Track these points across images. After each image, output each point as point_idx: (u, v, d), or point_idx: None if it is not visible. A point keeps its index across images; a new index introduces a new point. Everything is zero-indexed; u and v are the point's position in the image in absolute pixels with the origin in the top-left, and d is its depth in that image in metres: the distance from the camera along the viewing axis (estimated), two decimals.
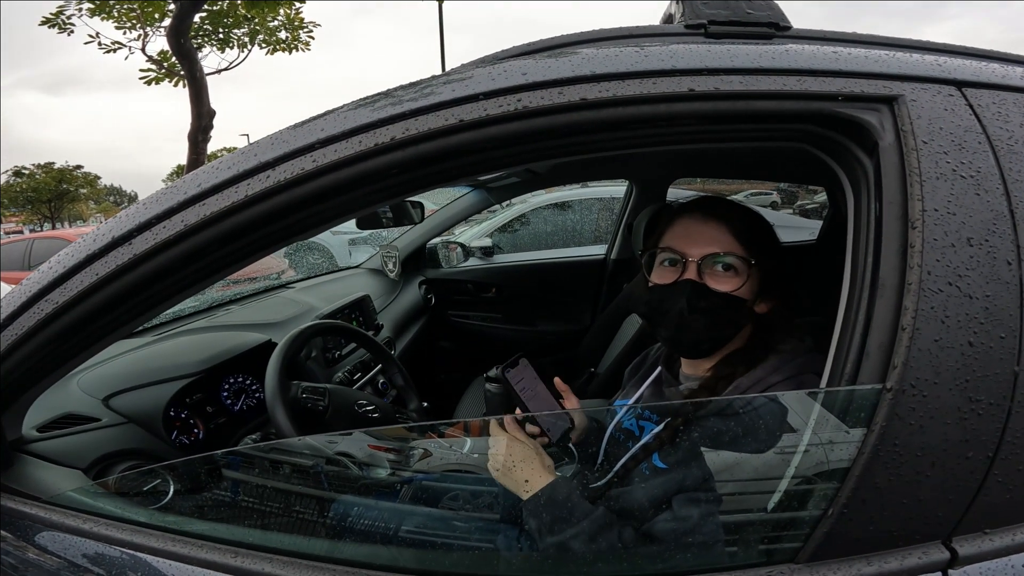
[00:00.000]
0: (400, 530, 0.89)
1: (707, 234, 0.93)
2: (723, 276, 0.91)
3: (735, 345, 0.96)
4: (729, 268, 0.91)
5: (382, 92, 0.71)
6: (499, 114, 0.63)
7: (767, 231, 0.97)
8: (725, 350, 0.97)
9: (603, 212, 4.34)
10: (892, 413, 0.58)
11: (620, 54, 0.66)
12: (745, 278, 0.91)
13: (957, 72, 0.68)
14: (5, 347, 0.73)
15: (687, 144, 0.70)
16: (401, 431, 1.26)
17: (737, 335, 0.96)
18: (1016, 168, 0.63)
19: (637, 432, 0.98)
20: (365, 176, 0.65)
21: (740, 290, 0.91)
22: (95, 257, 0.69)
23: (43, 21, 7.80)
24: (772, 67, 0.65)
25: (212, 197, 0.67)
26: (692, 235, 0.94)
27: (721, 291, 0.91)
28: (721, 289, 0.91)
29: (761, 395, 0.85)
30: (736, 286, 0.91)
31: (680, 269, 0.94)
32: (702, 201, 0.98)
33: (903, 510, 0.60)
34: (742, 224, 0.93)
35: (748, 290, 0.92)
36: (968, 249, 0.60)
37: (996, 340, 0.59)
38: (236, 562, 0.68)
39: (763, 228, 0.97)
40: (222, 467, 0.93)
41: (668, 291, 0.94)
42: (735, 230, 0.92)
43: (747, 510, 0.77)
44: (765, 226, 0.97)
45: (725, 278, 0.91)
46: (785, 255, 0.97)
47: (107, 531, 0.75)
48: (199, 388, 1.45)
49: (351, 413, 1.37)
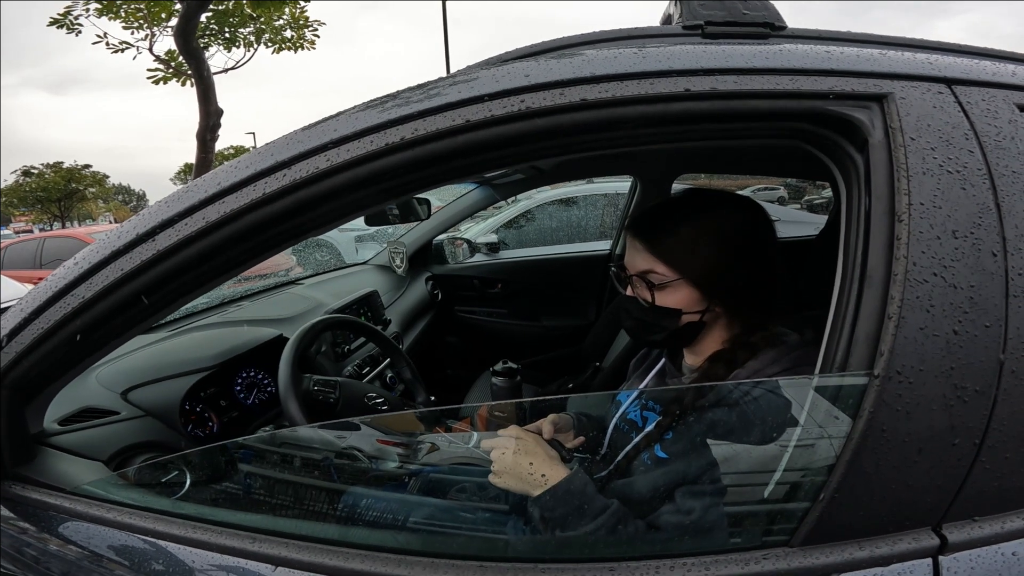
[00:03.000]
0: (408, 518, 0.92)
1: (635, 254, 0.99)
2: (656, 291, 0.97)
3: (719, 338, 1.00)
4: (656, 285, 0.96)
5: (391, 94, 0.73)
6: (504, 114, 0.66)
7: (699, 243, 0.95)
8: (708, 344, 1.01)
9: (608, 208, 4.35)
10: (879, 400, 0.60)
11: (619, 55, 0.69)
12: (674, 292, 0.96)
13: (948, 70, 0.70)
14: (31, 341, 0.76)
15: (685, 142, 0.72)
16: (410, 418, 1.28)
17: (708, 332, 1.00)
18: (1003, 163, 0.65)
19: (641, 423, 1.00)
20: (377, 174, 0.68)
21: (670, 302, 0.96)
22: (120, 253, 0.72)
23: (51, 22, 7.83)
24: (766, 67, 0.67)
25: (231, 195, 0.70)
26: (630, 253, 1.01)
27: (656, 305, 0.97)
28: (659, 303, 0.97)
29: (754, 380, 0.88)
30: (666, 301, 0.96)
31: (626, 283, 1.03)
32: (633, 221, 1.02)
33: (893, 496, 0.62)
34: (665, 244, 0.96)
35: (681, 301, 0.96)
36: (953, 241, 0.62)
37: (981, 329, 0.61)
38: (254, 547, 0.71)
39: (692, 241, 0.95)
40: (237, 457, 0.95)
41: (622, 302, 1.04)
42: (657, 251, 0.96)
43: (743, 495, 0.78)
44: (697, 238, 0.96)
45: (658, 292, 0.97)
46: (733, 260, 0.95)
47: (129, 519, 0.77)
48: (213, 382, 1.48)
49: (361, 405, 1.40)
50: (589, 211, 4.49)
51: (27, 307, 0.77)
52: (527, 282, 3.09)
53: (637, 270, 0.99)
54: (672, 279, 0.95)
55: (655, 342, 1.08)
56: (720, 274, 0.95)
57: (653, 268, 0.96)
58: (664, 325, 0.98)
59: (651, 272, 0.96)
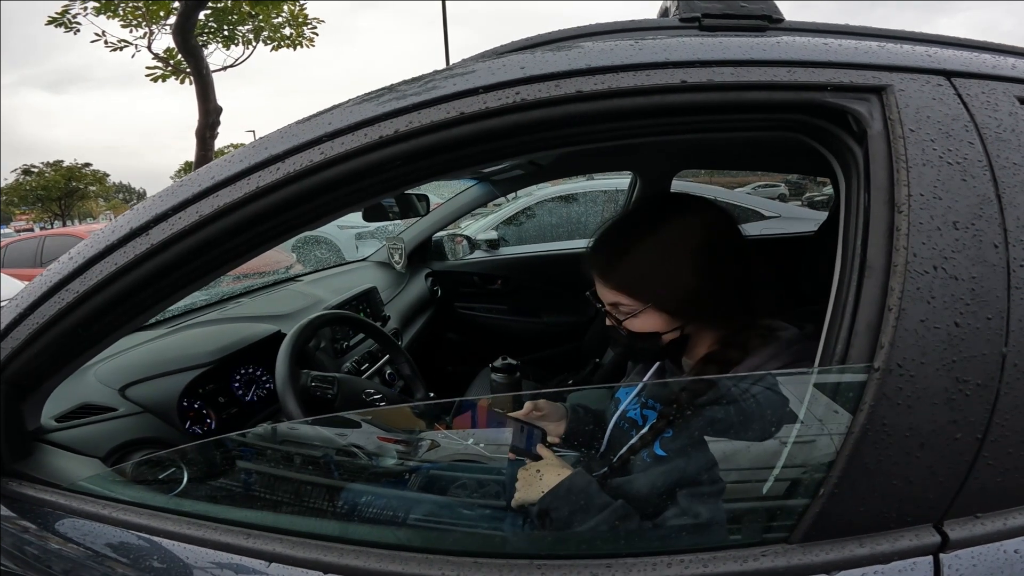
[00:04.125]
0: (407, 514, 0.92)
1: (600, 286, 0.99)
2: (628, 320, 0.96)
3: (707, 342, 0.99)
4: (625, 316, 0.96)
5: (386, 87, 0.73)
6: (498, 107, 0.65)
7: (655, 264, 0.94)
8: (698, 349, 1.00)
9: (608, 204, 4.34)
10: (880, 393, 0.59)
11: (615, 48, 0.68)
12: (645, 318, 0.95)
13: (947, 63, 0.69)
14: (26, 337, 0.76)
15: (682, 134, 0.71)
16: (407, 414, 1.28)
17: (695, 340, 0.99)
18: (1004, 155, 0.64)
19: (640, 421, 1.00)
20: (370, 167, 0.67)
21: (645, 327, 0.96)
22: (114, 248, 0.72)
23: (49, 20, 7.83)
24: (763, 59, 0.67)
25: (225, 189, 0.69)
26: (597, 284, 1.01)
27: (630, 330, 0.97)
28: (635, 330, 0.96)
29: (752, 374, 0.87)
30: (640, 327, 0.96)
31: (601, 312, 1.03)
32: (589, 254, 1.01)
33: (893, 492, 0.61)
34: (620, 273, 0.95)
35: (654, 324, 0.95)
36: (954, 232, 0.61)
37: (983, 321, 0.60)
38: (249, 543, 0.70)
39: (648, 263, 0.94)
40: (232, 453, 0.95)
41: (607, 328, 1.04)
42: (616, 283, 0.96)
43: (742, 492, 0.78)
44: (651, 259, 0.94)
45: (630, 321, 0.96)
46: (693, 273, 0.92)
47: (125, 516, 0.77)
48: (212, 378, 1.48)
49: (359, 401, 1.40)
50: (589, 208, 4.49)
51: (22, 302, 0.77)
52: (527, 279, 3.09)
53: (606, 302, 0.99)
54: (639, 308, 0.94)
55: (646, 360, 1.12)
56: (685, 291, 0.92)
57: (618, 300, 0.96)
58: (648, 347, 0.98)
59: (618, 304, 0.96)
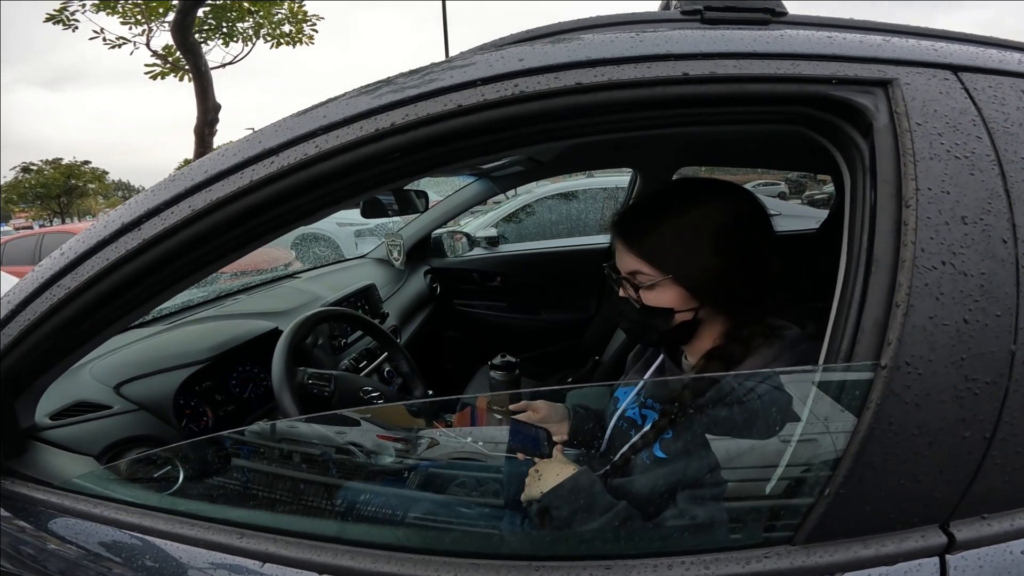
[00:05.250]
0: (405, 513, 0.91)
1: (622, 254, 0.97)
2: (645, 291, 0.95)
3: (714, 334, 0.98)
4: (644, 286, 0.94)
5: (383, 80, 0.72)
6: (496, 99, 0.64)
7: (684, 239, 0.93)
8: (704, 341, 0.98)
9: (608, 202, 4.34)
10: (887, 391, 0.58)
11: (616, 40, 0.67)
12: (663, 292, 0.93)
13: (953, 57, 0.68)
14: (18, 333, 0.75)
15: (683, 127, 0.70)
16: (404, 411, 1.27)
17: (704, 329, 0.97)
18: (1012, 149, 0.63)
19: (640, 421, 0.99)
20: (366, 160, 0.66)
21: (660, 302, 0.94)
22: (105, 243, 0.71)
23: (48, 18, 7.82)
24: (766, 51, 0.65)
25: (218, 183, 0.68)
26: (618, 253, 0.99)
27: (647, 306, 0.95)
28: (649, 304, 0.94)
29: (755, 372, 0.86)
30: (656, 301, 0.94)
31: (618, 284, 1.00)
32: (616, 221, 1.00)
33: (900, 492, 0.60)
34: (647, 243, 0.94)
35: (671, 300, 0.93)
36: (963, 227, 0.60)
37: (992, 318, 0.59)
38: (242, 543, 0.70)
39: (676, 238, 0.93)
40: (230, 451, 0.94)
41: (616, 303, 1.02)
42: (641, 251, 0.94)
43: (745, 492, 0.77)
44: (681, 234, 0.93)
45: (646, 293, 0.94)
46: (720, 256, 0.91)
47: (117, 515, 0.76)
48: (208, 376, 1.47)
49: (356, 399, 1.39)
50: (589, 205, 4.49)
51: (14, 298, 0.76)
52: (527, 276, 3.08)
53: (625, 271, 0.97)
54: (659, 279, 0.92)
55: (651, 342, 1.07)
56: (707, 270, 0.91)
57: (639, 269, 0.94)
58: (658, 325, 0.96)
59: (638, 273, 0.94)
